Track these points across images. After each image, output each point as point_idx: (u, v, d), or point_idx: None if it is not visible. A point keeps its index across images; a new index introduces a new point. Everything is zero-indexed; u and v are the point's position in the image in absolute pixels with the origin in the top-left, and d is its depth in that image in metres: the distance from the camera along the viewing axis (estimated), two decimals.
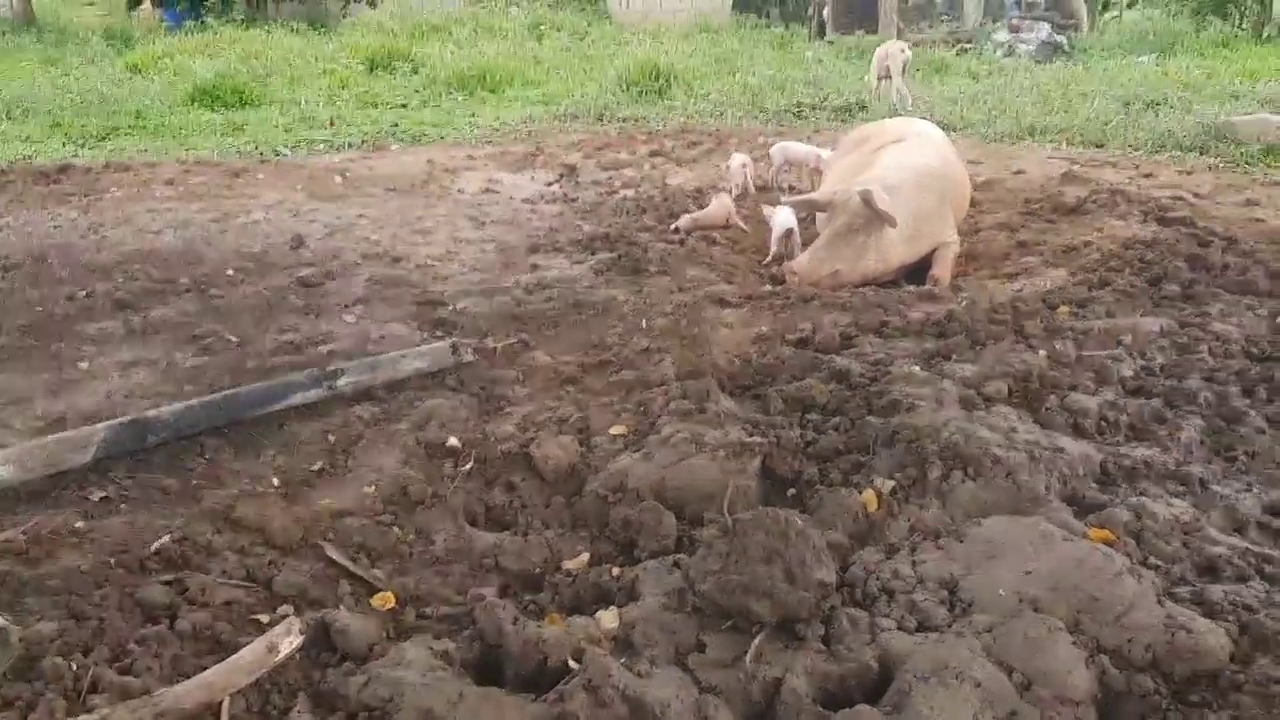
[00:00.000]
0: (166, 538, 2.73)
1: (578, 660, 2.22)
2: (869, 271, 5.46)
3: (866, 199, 5.20)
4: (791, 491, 3.15)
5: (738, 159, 7.64)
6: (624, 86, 12.80)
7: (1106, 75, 12.88)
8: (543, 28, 18.38)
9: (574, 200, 7.57)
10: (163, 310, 4.78)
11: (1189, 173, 7.90)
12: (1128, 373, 3.82)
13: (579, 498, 3.20)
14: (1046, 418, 3.43)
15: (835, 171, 6.62)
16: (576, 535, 3.03)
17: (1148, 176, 7.75)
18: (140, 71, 12.81)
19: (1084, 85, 12.01)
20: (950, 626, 2.34)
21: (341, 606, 2.56)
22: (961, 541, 2.65)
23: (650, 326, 4.51)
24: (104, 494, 3.04)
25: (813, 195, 5.92)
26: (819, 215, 5.91)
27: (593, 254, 5.85)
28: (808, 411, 3.59)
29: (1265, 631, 2.30)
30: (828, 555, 2.48)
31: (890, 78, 11.49)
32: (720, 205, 6.53)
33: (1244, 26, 17.85)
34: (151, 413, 3.35)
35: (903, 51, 11.59)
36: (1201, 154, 8.58)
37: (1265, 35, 16.93)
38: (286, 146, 9.41)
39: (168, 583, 2.54)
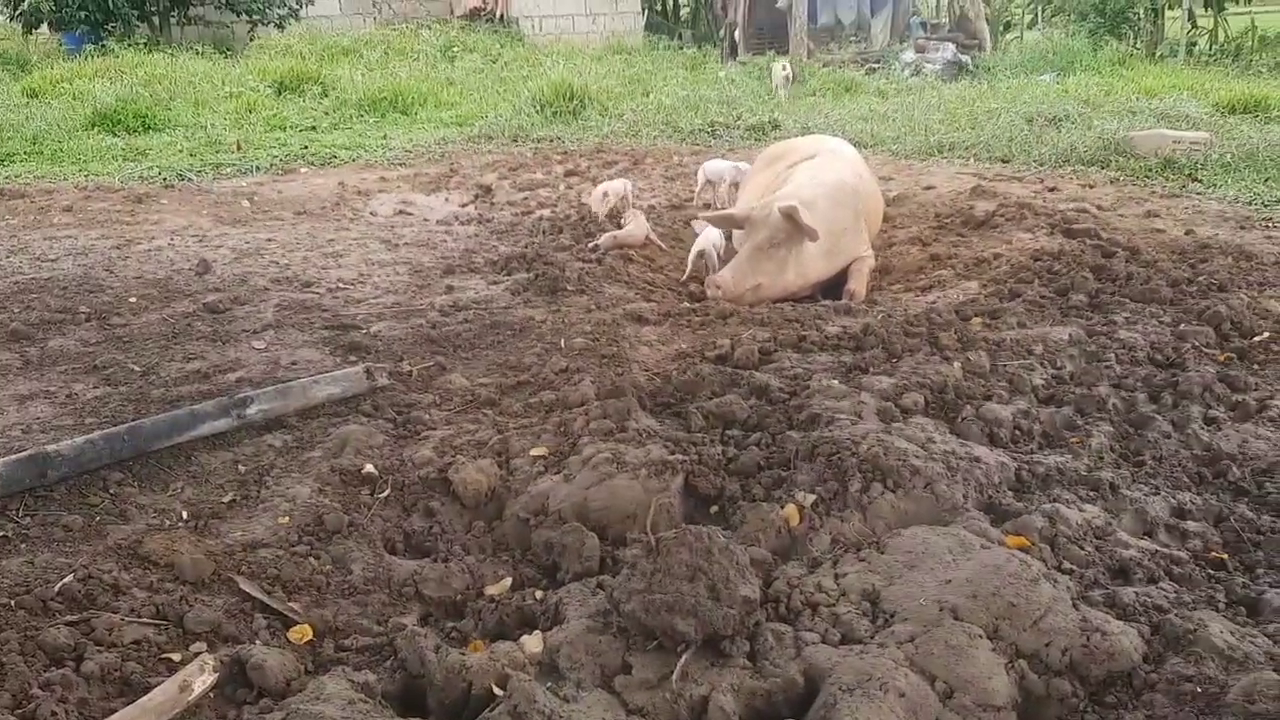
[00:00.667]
0: (70, 577, 2.61)
1: (502, 687, 2.18)
2: (789, 286, 5.51)
3: (790, 213, 5.23)
4: (714, 508, 3.15)
5: (600, 188, 7.46)
6: (538, 107, 12.78)
7: (1010, 93, 13.24)
8: (455, 50, 18.27)
9: (489, 221, 7.52)
10: (61, 340, 4.61)
11: (1091, 186, 8.15)
12: (1039, 382, 3.90)
13: (500, 522, 3.16)
14: (962, 428, 3.48)
15: (750, 188, 6.68)
16: (498, 560, 2.99)
17: (1052, 190, 7.97)
18: (37, 96, 12.40)
19: (989, 103, 12.33)
20: (873, 638, 2.35)
21: (257, 641, 2.48)
22: (882, 553, 2.67)
23: (569, 346, 4.48)
24: (2, 533, 2.90)
25: (731, 211, 5.95)
26: (736, 232, 5.95)
27: (509, 274, 5.80)
28: (729, 427, 3.59)
29: (1176, 631, 2.35)
30: (751, 571, 2.47)
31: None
32: (639, 225, 6.54)
33: (1138, 46, 18.53)
34: (51, 447, 3.20)
35: (784, 69, 14.73)
36: (1103, 168, 8.86)
37: (1158, 55, 17.59)
38: (192, 171, 9.19)
39: (73, 623, 2.43)
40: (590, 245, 6.33)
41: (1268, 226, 6.66)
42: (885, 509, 2.92)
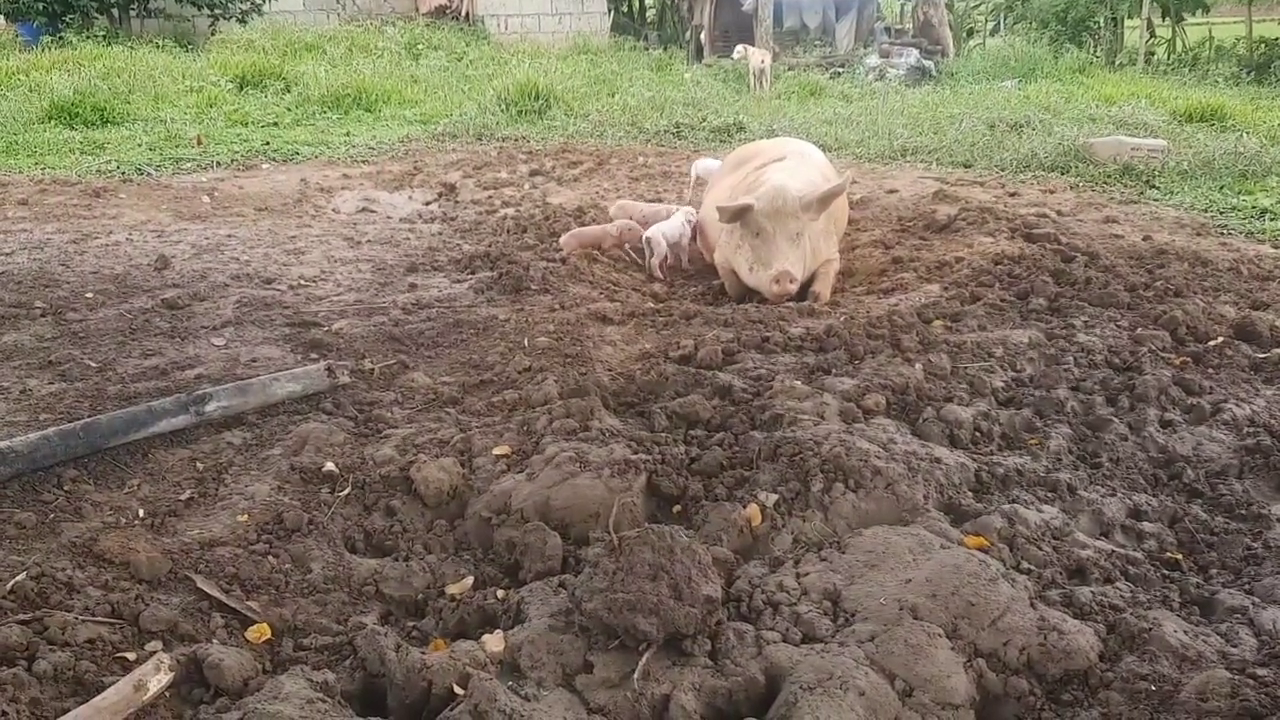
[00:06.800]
0: (23, 575, 2.56)
1: (463, 686, 2.17)
2: (806, 274, 5.55)
3: (835, 191, 5.39)
4: (677, 508, 3.15)
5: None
6: (503, 106, 12.74)
7: (972, 99, 13.37)
8: (419, 47, 18.15)
9: (453, 219, 7.48)
10: (15, 335, 4.53)
11: (1051, 191, 8.25)
12: (999, 384, 3.93)
13: (462, 520, 3.14)
14: (923, 429, 3.50)
15: (718, 190, 6.66)
16: (460, 559, 2.97)
17: (1013, 195, 8.05)
18: None
19: (951, 108, 12.45)
20: (834, 637, 2.36)
21: (214, 640, 2.45)
22: (843, 552, 2.69)
23: (532, 345, 4.47)
24: None
25: (745, 200, 5.73)
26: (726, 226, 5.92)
27: (473, 273, 5.78)
28: (692, 428, 3.60)
29: (1131, 630, 2.39)
30: (713, 570, 2.48)
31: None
32: (601, 228, 6.48)
33: (1098, 54, 18.80)
34: (4, 443, 3.15)
35: (761, 61, 15.67)
36: (1063, 174, 8.97)
37: (1117, 63, 17.85)
38: (151, 165, 9.06)
39: (25, 622, 2.38)
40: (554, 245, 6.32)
41: (1222, 233, 6.78)
42: (846, 509, 2.94)
